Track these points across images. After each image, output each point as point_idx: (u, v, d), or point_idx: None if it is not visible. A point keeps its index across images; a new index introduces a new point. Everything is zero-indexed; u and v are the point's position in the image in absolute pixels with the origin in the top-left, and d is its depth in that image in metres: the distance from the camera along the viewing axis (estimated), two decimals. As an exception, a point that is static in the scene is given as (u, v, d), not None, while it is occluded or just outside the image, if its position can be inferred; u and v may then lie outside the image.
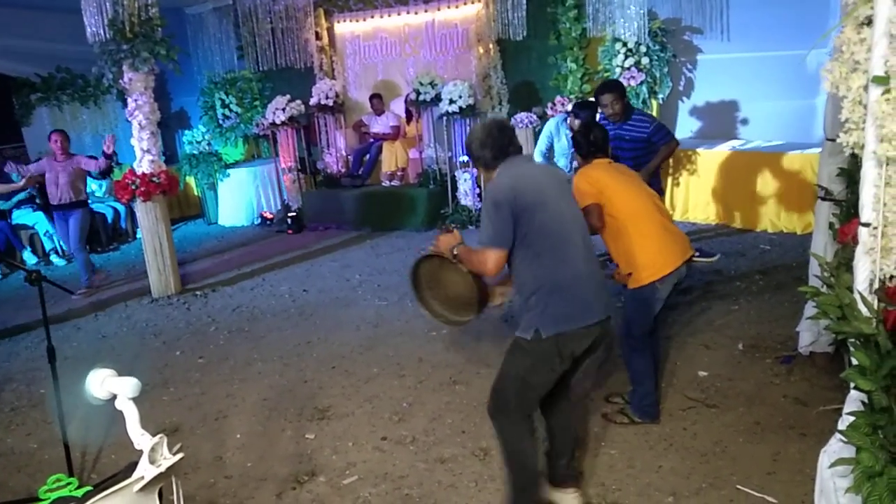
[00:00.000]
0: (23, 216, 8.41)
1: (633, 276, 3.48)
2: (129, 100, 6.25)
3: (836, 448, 2.12)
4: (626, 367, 3.75)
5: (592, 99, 7.01)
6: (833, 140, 3.67)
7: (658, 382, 3.89)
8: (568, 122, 6.25)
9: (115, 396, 2.14)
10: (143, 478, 2.01)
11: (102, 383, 2.11)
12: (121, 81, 6.19)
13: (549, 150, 6.44)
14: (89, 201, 9.07)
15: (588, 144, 3.65)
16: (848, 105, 1.99)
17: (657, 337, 3.87)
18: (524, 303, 2.74)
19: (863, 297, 1.95)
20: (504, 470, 2.98)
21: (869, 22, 1.91)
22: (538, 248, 2.67)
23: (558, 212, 2.73)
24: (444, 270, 3.17)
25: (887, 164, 1.88)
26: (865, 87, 1.94)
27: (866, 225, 1.98)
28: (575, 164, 5.82)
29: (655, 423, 3.69)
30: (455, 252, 2.91)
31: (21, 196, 8.32)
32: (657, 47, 7.61)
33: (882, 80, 1.84)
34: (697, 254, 3.60)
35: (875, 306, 1.92)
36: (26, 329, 6.06)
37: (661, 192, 5.39)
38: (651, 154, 5.09)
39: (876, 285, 1.95)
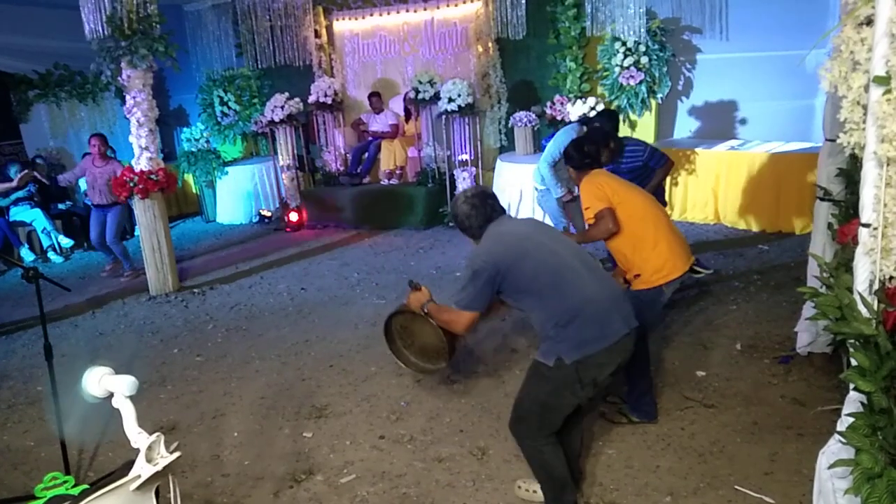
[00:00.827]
0: (20, 213, 8.39)
1: (640, 277, 3.51)
2: (128, 97, 6.23)
3: (834, 449, 2.12)
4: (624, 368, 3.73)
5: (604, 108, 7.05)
6: (832, 140, 3.67)
7: (654, 381, 3.90)
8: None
9: (111, 394, 2.13)
10: (139, 476, 2.00)
11: (99, 381, 2.11)
12: (119, 78, 6.17)
13: (558, 162, 5.88)
14: (86, 199, 9.10)
15: (582, 156, 3.69)
16: (847, 105, 1.98)
17: (650, 337, 3.84)
18: (544, 335, 2.80)
19: (863, 298, 1.94)
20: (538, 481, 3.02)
21: (869, 22, 1.91)
22: (537, 290, 2.77)
23: (546, 251, 2.82)
24: (415, 323, 3.51)
25: (888, 165, 1.87)
26: (866, 87, 1.93)
27: (866, 226, 1.97)
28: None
29: (653, 422, 3.69)
30: (425, 310, 3.19)
31: (20, 193, 8.29)
32: (656, 47, 7.60)
33: (883, 81, 1.83)
34: (696, 263, 3.63)
35: (875, 307, 1.92)
36: (24, 326, 6.04)
37: (665, 206, 5.43)
38: (648, 178, 5.16)
39: (876, 286, 1.94)
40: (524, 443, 2.92)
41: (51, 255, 8.36)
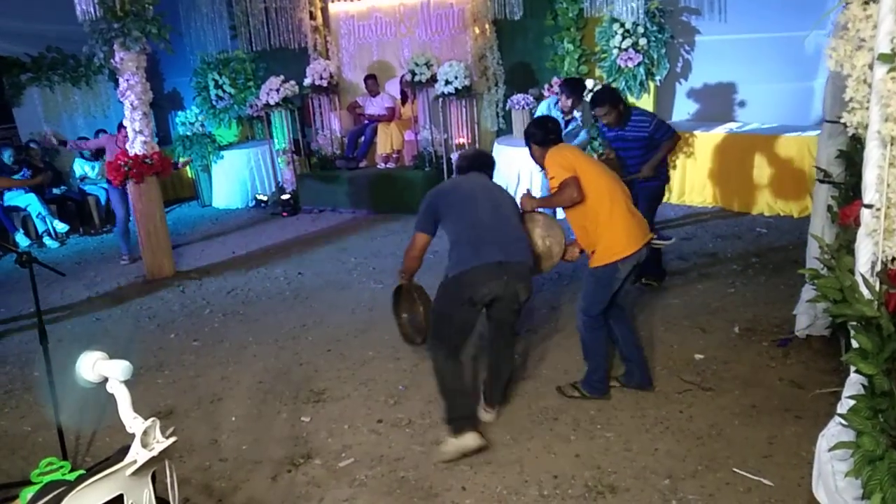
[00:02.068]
0: (15, 198, 8.32)
1: (595, 254, 3.57)
2: (121, 80, 6.16)
3: (834, 431, 2.11)
4: (581, 342, 3.81)
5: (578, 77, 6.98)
6: (832, 122, 3.65)
7: (643, 356, 3.93)
8: (560, 104, 6.17)
9: (106, 379, 2.10)
10: (135, 462, 1.98)
11: (93, 366, 2.08)
12: (112, 61, 6.10)
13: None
14: (81, 184, 9.05)
15: (546, 133, 3.76)
16: (852, 84, 1.95)
17: (626, 315, 3.96)
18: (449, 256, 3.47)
19: (865, 280, 1.92)
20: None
21: (875, -1, 1.87)
22: (451, 218, 3.49)
23: (471, 193, 3.53)
24: (406, 299, 4.18)
25: (892, 144, 1.84)
26: (870, 66, 1.90)
27: (869, 206, 1.95)
28: None
29: (605, 398, 3.78)
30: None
31: (15, 177, 8.23)
32: (655, 28, 7.53)
33: (888, 58, 1.80)
34: (655, 237, 3.75)
35: (877, 289, 1.90)
36: (19, 317, 6.02)
37: (667, 181, 5.36)
38: (654, 150, 5.07)
39: (878, 267, 1.92)
40: (428, 355, 3.57)
41: (46, 240, 8.31)
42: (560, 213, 3.95)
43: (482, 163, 3.86)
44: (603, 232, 3.50)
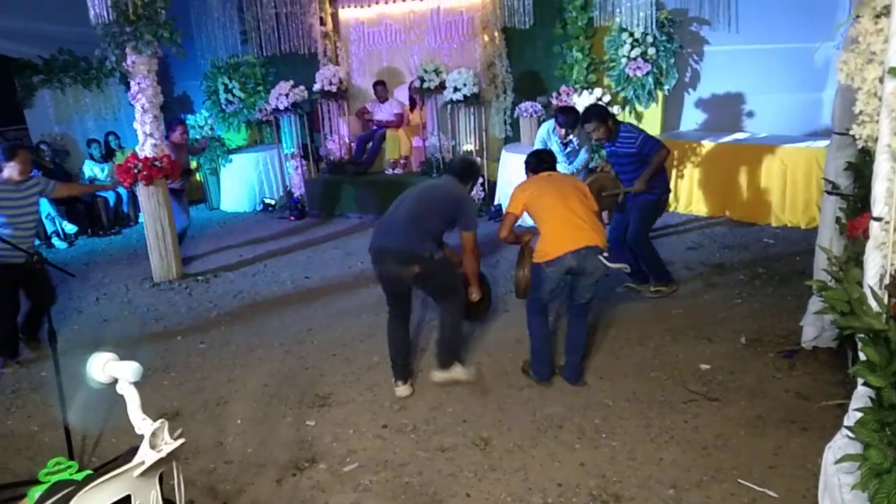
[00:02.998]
0: (24, 198, 8.37)
1: (535, 254, 4.11)
2: (132, 83, 6.21)
3: (841, 444, 2.11)
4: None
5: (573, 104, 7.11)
6: (841, 134, 3.64)
7: (579, 360, 4.19)
8: (557, 131, 6.23)
9: (116, 380, 2.12)
10: (143, 462, 2.00)
11: (104, 367, 2.10)
12: (124, 64, 6.15)
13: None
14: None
15: (539, 163, 4.35)
16: (862, 97, 1.96)
17: (583, 320, 4.22)
18: None
19: (873, 292, 1.93)
20: None
21: (886, 12, 1.88)
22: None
23: (411, 196, 4.19)
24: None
25: (902, 158, 1.85)
26: (881, 79, 1.91)
27: (878, 219, 1.95)
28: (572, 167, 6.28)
29: (546, 384, 4.12)
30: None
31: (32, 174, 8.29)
32: (664, 38, 7.54)
33: (898, 72, 1.81)
34: (605, 254, 3.99)
35: (885, 301, 1.90)
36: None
37: (663, 194, 5.38)
38: (646, 165, 5.15)
39: (886, 280, 1.92)
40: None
41: (55, 240, 8.36)
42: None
43: (457, 169, 4.46)
44: (542, 239, 4.05)
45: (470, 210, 4.22)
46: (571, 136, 6.19)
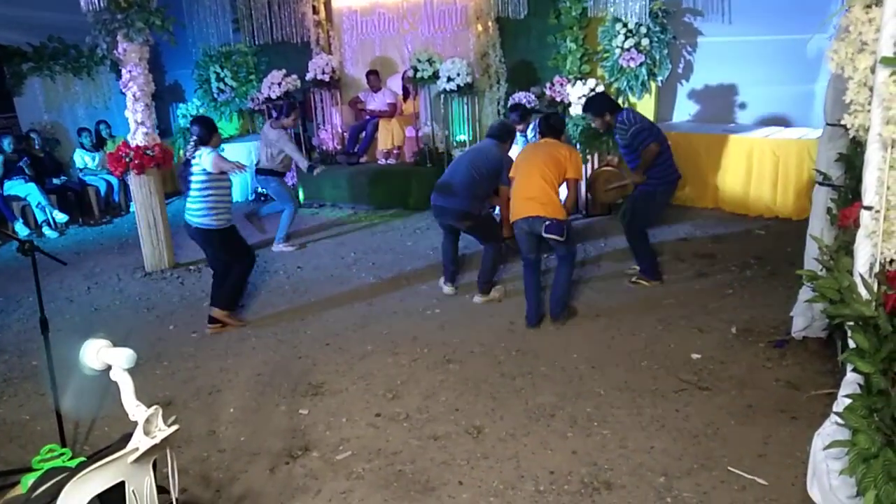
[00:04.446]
0: (14, 187, 8.32)
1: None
2: (124, 71, 6.16)
3: (829, 431, 2.13)
4: None
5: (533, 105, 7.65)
6: (833, 125, 3.66)
7: (538, 301, 4.89)
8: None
9: (109, 367, 2.12)
10: (137, 449, 2.00)
11: (97, 353, 2.10)
12: (115, 52, 6.10)
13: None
14: (81, 174, 9.05)
15: (546, 128, 4.99)
16: (854, 87, 1.97)
17: (562, 270, 4.92)
18: None
19: (864, 280, 1.94)
20: None
21: (878, 2, 1.89)
22: None
23: (463, 156, 5.49)
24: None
25: (892, 147, 1.86)
26: (872, 69, 1.92)
27: (869, 208, 1.97)
28: None
29: (534, 327, 4.80)
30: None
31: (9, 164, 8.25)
32: (657, 29, 7.53)
33: (890, 62, 1.82)
34: (547, 223, 4.67)
35: (875, 289, 1.92)
36: (17, 304, 6.02)
37: (660, 186, 5.28)
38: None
39: (876, 268, 1.94)
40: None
41: (45, 230, 8.31)
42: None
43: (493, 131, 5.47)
44: (512, 205, 4.89)
45: (507, 169, 5.12)
46: (526, 129, 6.66)
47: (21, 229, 8.17)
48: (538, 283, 4.94)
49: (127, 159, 6.22)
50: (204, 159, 4.91)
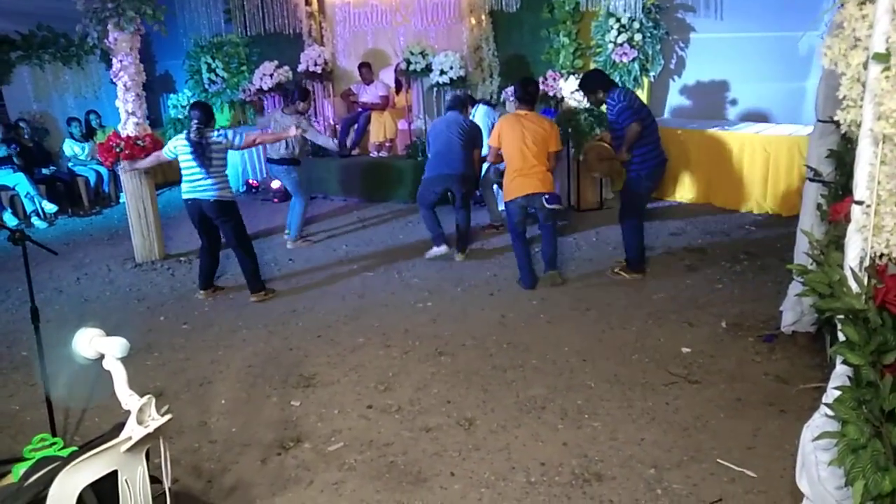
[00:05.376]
0: (3, 177, 8.26)
1: (503, 191, 5.45)
2: (115, 60, 6.12)
3: (819, 423, 2.15)
4: None
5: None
6: (824, 122, 3.69)
7: (530, 265, 5.43)
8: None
9: (102, 356, 2.12)
10: (130, 438, 2.00)
11: (90, 342, 2.09)
12: (105, 41, 6.06)
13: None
14: (70, 164, 8.99)
15: (524, 93, 5.43)
16: (846, 82, 1.99)
17: (548, 238, 5.43)
18: None
19: (854, 274, 1.96)
20: None
21: (872, -2, 1.90)
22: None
23: (447, 130, 5.97)
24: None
25: (884, 142, 1.88)
26: (865, 65, 1.93)
27: (860, 203, 1.99)
28: None
29: (530, 289, 5.31)
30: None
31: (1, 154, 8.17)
32: (650, 24, 7.57)
33: (882, 58, 1.83)
34: (546, 196, 5.19)
35: (865, 283, 1.94)
36: (6, 295, 5.98)
37: (641, 172, 5.25)
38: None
39: (867, 263, 1.96)
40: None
41: (34, 220, 8.26)
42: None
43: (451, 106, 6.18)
44: (507, 179, 5.33)
45: (480, 133, 6.09)
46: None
47: (10, 219, 8.11)
48: (528, 251, 5.49)
49: (118, 150, 6.18)
50: (233, 138, 5.36)
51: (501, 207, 6.31)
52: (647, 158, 5.23)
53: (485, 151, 6.15)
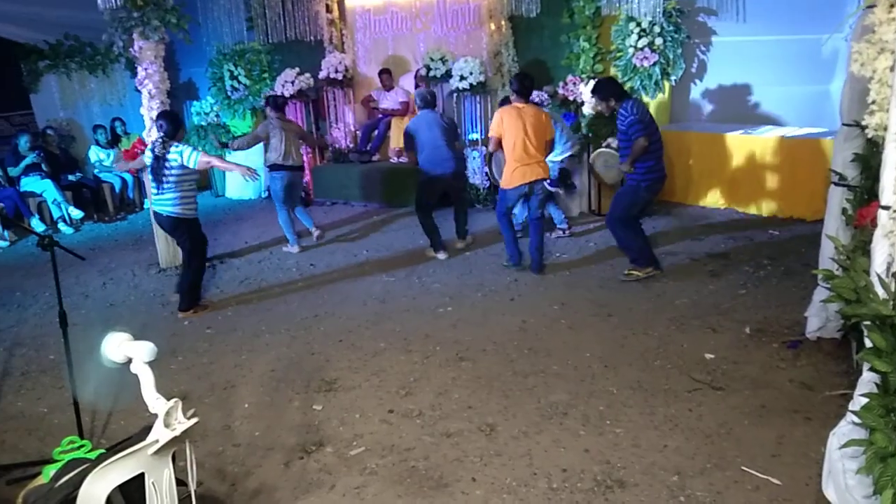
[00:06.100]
0: (31, 184, 8.41)
1: (501, 179, 5.82)
2: (139, 68, 6.22)
3: (845, 430, 2.13)
4: None
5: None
6: (849, 125, 3.65)
7: (535, 254, 5.80)
8: None
9: (130, 360, 2.15)
10: (157, 441, 2.03)
11: (119, 346, 2.13)
12: (130, 50, 6.16)
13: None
14: (96, 171, 9.13)
15: (521, 87, 5.67)
16: (875, 86, 1.97)
17: (536, 230, 5.79)
18: None
19: (881, 279, 1.94)
20: None
21: (899, 2, 1.89)
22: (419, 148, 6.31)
23: (430, 132, 6.21)
24: None
25: (911, 147, 1.86)
26: (892, 68, 1.92)
27: (886, 208, 1.97)
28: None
29: (517, 268, 5.84)
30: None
31: (28, 160, 8.32)
32: (671, 28, 7.51)
33: (910, 61, 1.82)
34: (547, 181, 5.69)
35: (892, 288, 1.92)
36: (34, 300, 6.09)
37: (650, 181, 5.37)
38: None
39: (894, 268, 1.94)
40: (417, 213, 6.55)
41: (61, 226, 8.40)
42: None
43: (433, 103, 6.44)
44: (506, 168, 5.65)
45: (456, 126, 6.72)
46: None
47: (37, 225, 8.25)
48: (514, 230, 6.00)
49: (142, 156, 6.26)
50: (188, 157, 5.13)
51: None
52: (651, 171, 5.36)
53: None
